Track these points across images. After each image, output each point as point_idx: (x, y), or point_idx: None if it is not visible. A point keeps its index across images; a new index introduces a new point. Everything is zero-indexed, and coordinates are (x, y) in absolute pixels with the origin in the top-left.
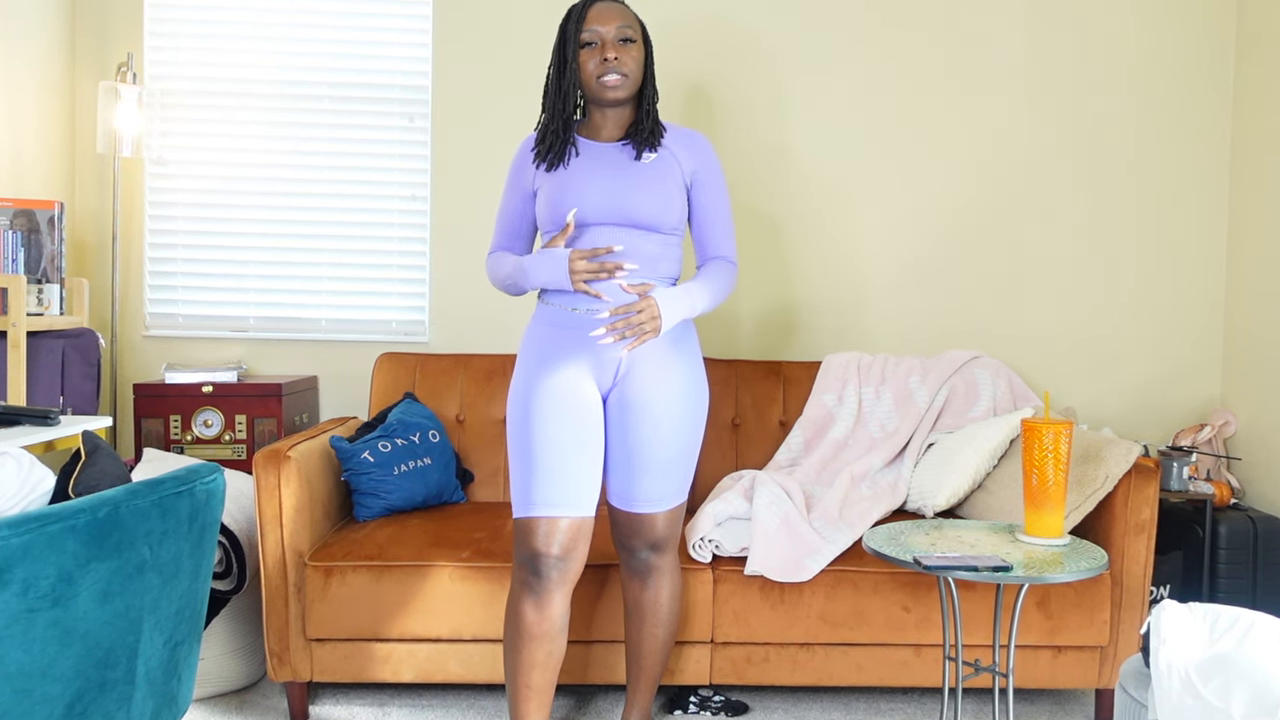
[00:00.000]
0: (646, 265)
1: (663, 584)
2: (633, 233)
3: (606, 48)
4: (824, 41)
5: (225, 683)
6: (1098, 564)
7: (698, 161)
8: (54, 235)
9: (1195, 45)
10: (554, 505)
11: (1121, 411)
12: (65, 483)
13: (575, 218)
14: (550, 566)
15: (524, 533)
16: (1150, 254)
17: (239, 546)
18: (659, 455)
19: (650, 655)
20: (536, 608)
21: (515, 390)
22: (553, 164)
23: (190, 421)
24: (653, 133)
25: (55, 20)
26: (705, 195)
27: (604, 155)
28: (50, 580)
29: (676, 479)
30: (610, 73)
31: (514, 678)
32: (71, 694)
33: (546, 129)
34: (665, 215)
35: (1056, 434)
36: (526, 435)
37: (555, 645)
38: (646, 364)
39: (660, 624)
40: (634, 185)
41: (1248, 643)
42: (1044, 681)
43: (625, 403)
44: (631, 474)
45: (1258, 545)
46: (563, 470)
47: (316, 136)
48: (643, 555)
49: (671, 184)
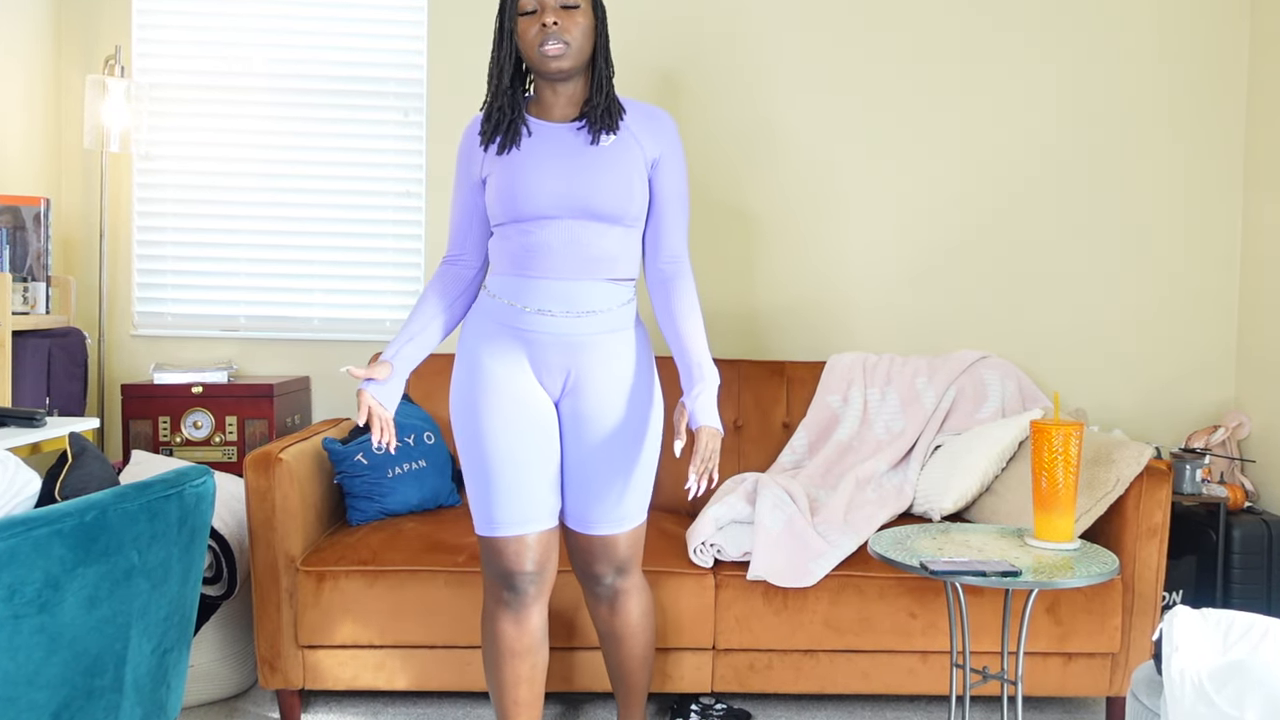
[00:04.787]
0: (607, 266)
1: (631, 605)
2: (591, 226)
3: (546, 12)
4: (828, 40)
5: (215, 690)
6: (1109, 569)
7: (662, 145)
8: (40, 232)
9: (1210, 45)
10: (520, 523)
11: (1133, 413)
12: (51, 486)
13: (533, 209)
14: (527, 582)
15: (492, 552)
16: (1163, 254)
17: (229, 551)
18: (615, 472)
19: (633, 674)
20: (516, 624)
21: (461, 397)
22: (503, 146)
23: (179, 423)
24: (608, 111)
25: (41, 11)
26: (667, 182)
27: (557, 138)
28: (36, 586)
29: (636, 496)
30: (550, 39)
31: (500, 695)
32: (58, 702)
33: (492, 107)
34: (628, 206)
35: (1066, 436)
36: (481, 451)
37: (539, 658)
38: (596, 373)
39: (637, 643)
40: (592, 173)
41: (1262, 649)
42: (1054, 689)
43: (577, 414)
44: (588, 492)
45: (1272, 549)
46: (525, 485)
47: (309, 131)
48: (608, 581)
49: (633, 170)
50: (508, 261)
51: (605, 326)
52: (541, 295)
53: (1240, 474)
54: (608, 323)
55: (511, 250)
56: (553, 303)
